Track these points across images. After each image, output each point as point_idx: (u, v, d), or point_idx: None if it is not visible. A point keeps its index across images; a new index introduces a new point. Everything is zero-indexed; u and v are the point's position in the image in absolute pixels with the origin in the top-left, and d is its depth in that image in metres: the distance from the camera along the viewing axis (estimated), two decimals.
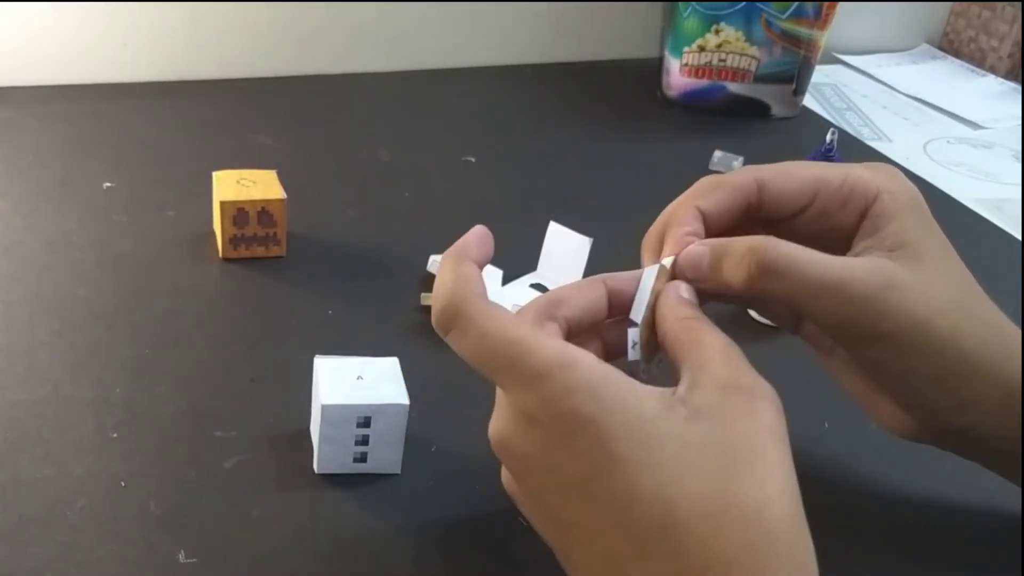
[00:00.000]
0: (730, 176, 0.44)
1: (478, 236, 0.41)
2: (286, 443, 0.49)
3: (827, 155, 0.65)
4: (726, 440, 0.35)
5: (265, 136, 0.80)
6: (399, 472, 0.47)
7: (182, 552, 0.42)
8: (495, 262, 0.63)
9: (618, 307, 0.42)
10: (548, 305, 0.40)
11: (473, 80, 0.96)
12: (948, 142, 0.94)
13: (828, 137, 0.65)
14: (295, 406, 0.50)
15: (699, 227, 0.43)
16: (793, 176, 0.43)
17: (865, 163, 0.45)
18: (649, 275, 0.42)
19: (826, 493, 0.49)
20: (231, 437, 0.49)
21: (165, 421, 0.50)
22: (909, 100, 1.04)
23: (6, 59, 0.84)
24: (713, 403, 0.36)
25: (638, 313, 0.42)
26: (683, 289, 0.41)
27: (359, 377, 0.46)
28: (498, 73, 0.98)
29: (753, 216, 0.44)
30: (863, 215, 0.43)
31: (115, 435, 0.48)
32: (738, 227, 0.44)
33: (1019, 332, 0.43)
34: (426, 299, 0.59)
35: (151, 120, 0.81)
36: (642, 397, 0.36)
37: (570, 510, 0.36)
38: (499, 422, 0.39)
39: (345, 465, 0.47)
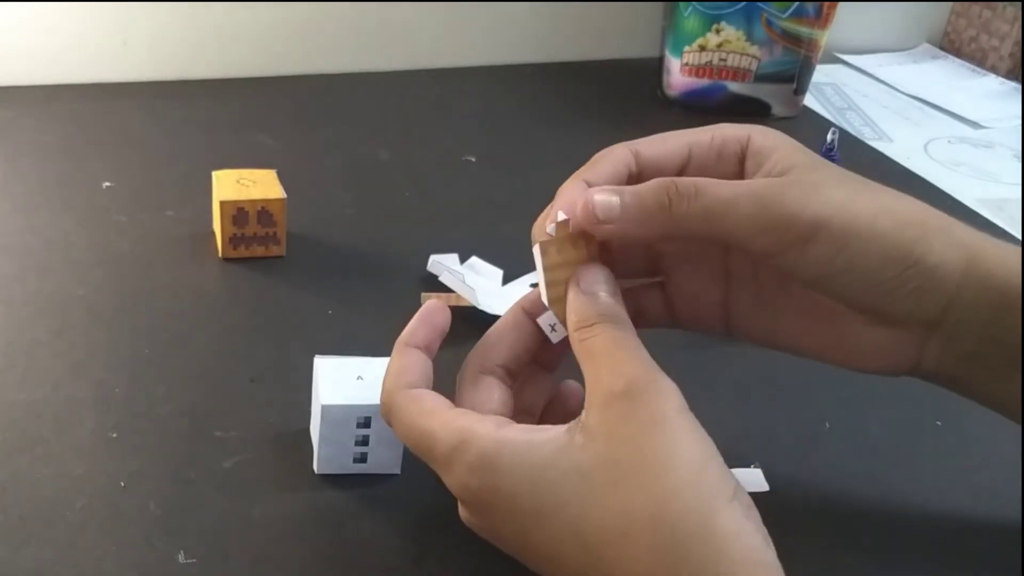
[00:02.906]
0: (607, 149, 0.45)
1: (425, 315, 0.44)
2: (286, 443, 0.49)
3: (828, 155, 0.65)
4: (613, 456, 0.36)
5: (265, 136, 0.80)
6: (399, 472, 0.47)
7: (182, 552, 0.42)
8: (496, 262, 0.63)
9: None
10: (479, 359, 0.43)
11: (473, 80, 0.96)
12: (949, 142, 0.94)
13: (829, 137, 0.65)
14: (295, 406, 0.50)
15: None
16: (666, 140, 0.45)
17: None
18: (537, 257, 0.42)
19: (827, 493, 0.49)
20: (231, 437, 0.49)
21: (165, 421, 0.49)
22: (910, 100, 1.03)
23: (6, 59, 0.84)
24: (599, 421, 0.37)
25: (544, 296, 0.42)
26: (585, 280, 0.41)
27: (359, 377, 0.46)
28: (498, 73, 0.98)
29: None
30: (741, 160, 0.43)
31: (115, 435, 0.48)
32: None
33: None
34: (426, 299, 0.59)
35: (151, 120, 0.81)
36: (538, 446, 0.37)
37: (532, 566, 0.39)
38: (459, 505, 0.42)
39: (345, 465, 0.47)
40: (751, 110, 0.92)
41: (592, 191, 0.41)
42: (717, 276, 0.45)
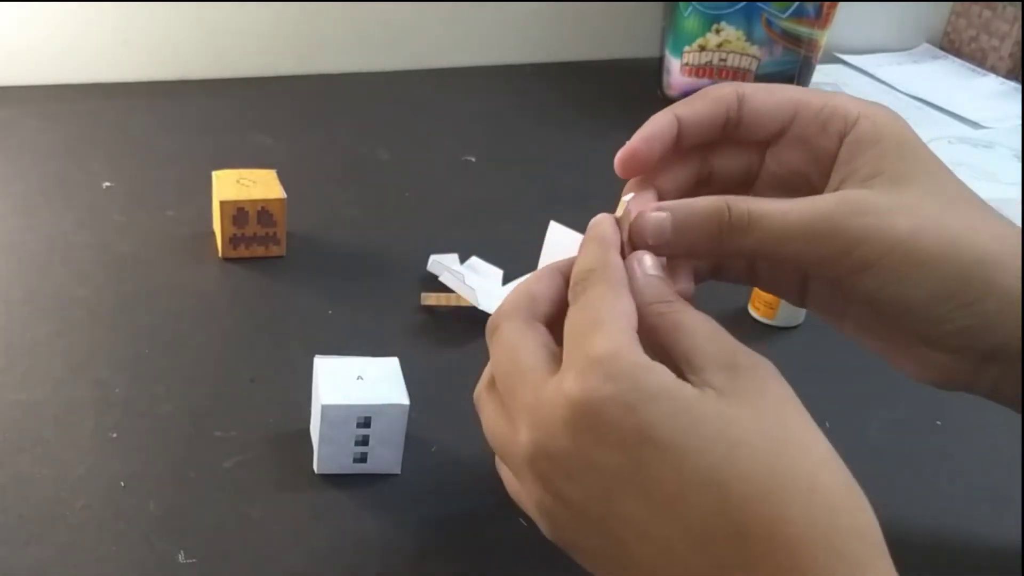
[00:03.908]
0: (713, 87, 0.43)
1: (598, 229, 0.40)
2: (286, 443, 0.49)
3: None
4: (758, 421, 0.34)
5: (265, 136, 0.80)
6: (399, 472, 0.47)
7: (182, 552, 0.42)
8: (495, 262, 0.63)
9: None
10: (529, 305, 0.39)
11: (473, 80, 0.96)
12: (949, 142, 0.94)
13: None
14: (295, 406, 0.50)
15: (670, 131, 0.42)
16: (774, 93, 0.43)
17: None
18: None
19: None
20: (231, 437, 0.49)
21: (165, 421, 0.50)
22: (910, 100, 1.04)
23: (6, 59, 0.84)
24: (728, 384, 0.34)
25: None
26: (648, 265, 0.39)
27: (359, 377, 0.46)
28: (498, 73, 0.98)
29: (731, 135, 0.43)
30: (842, 140, 0.42)
31: (115, 435, 0.48)
32: (716, 144, 0.44)
33: None
34: (426, 299, 0.59)
35: (151, 120, 0.81)
36: (681, 384, 0.34)
37: (618, 506, 0.34)
38: (527, 433, 0.36)
39: (345, 465, 0.47)
40: None
41: (646, 210, 0.40)
42: None
